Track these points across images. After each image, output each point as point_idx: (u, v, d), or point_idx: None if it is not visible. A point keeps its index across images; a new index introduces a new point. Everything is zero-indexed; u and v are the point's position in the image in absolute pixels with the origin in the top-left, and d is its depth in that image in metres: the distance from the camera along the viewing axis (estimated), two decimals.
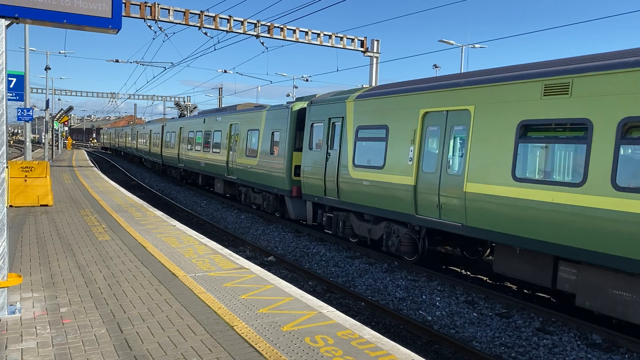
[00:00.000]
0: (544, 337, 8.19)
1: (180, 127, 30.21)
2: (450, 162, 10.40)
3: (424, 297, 10.23)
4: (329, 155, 14.04)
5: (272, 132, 17.60)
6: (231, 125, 21.67)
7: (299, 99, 17.53)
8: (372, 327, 8.27)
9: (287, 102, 17.66)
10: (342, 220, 13.82)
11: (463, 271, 12.20)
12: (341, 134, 13.62)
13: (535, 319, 8.94)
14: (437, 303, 9.86)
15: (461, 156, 10.19)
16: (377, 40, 25.05)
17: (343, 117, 13.61)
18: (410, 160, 11.16)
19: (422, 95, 11.18)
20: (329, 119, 14.21)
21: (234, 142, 21.17)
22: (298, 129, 16.30)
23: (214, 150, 23.61)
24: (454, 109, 10.30)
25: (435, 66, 44.64)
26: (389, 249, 12.17)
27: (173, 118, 40.06)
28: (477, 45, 35.12)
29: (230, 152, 21.49)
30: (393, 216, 11.70)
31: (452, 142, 10.38)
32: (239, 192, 21.75)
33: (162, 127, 35.72)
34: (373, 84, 24.94)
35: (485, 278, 11.54)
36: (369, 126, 12.71)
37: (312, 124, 15.13)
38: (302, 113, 16.25)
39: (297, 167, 16.09)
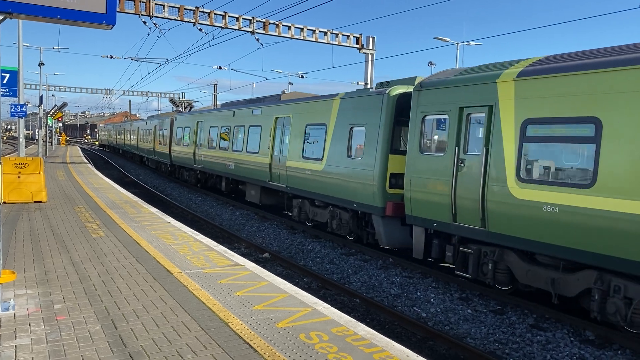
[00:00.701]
0: (537, 334, 8.24)
1: (198, 122, 25.66)
2: None
3: (418, 293, 10.26)
4: (463, 163, 9.87)
5: (351, 128, 13.38)
6: (277, 119, 17.41)
7: (381, 84, 13.59)
8: (367, 324, 8.29)
9: (374, 87, 13.78)
10: (493, 261, 9.51)
11: None
12: (489, 132, 9.36)
13: (529, 315, 8.99)
14: (432, 300, 9.89)
15: None
16: (373, 37, 25.04)
17: (492, 106, 9.34)
18: None
19: None
20: (461, 108, 10.01)
21: (283, 140, 16.75)
22: (396, 124, 12.25)
23: (250, 149, 19.04)
24: None
25: (431, 63, 44.76)
26: (608, 317, 7.79)
27: (181, 112, 35.33)
28: (472, 43, 35.19)
29: (276, 153, 17.15)
30: (618, 266, 7.36)
31: None
32: (287, 203, 17.44)
33: (171, 121, 30.87)
34: (369, 81, 24.86)
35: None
36: (554, 119, 8.27)
37: (425, 116, 10.88)
38: (402, 101, 12.12)
39: (394, 176, 12.15)
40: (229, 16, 21.88)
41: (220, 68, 45.74)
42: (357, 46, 24.84)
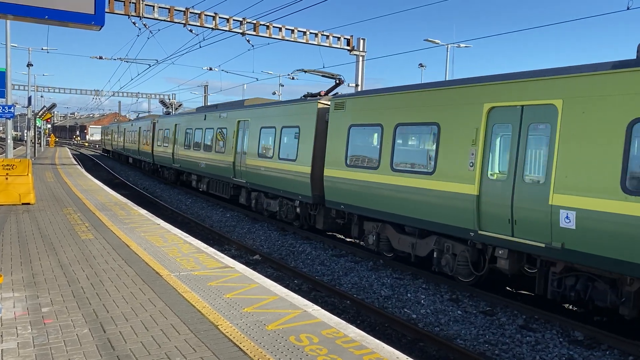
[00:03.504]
0: (527, 335, 8.28)
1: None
2: None
3: (409, 295, 10.27)
4: None
5: None
6: None
7: None
8: (357, 326, 8.29)
9: None
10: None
11: None
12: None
13: (518, 316, 9.03)
14: (422, 301, 9.91)
15: None
16: (363, 39, 25.07)
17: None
18: None
19: None
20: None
21: None
22: None
23: None
24: None
25: (421, 65, 44.93)
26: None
27: (354, 93, 14.79)
28: (462, 45, 35.34)
29: None
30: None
31: None
32: None
33: (320, 113, 14.42)
34: (359, 83, 24.97)
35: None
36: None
37: None
38: None
39: None
40: (220, 17, 21.82)
41: (210, 69, 45.51)
42: (348, 48, 24.86)
